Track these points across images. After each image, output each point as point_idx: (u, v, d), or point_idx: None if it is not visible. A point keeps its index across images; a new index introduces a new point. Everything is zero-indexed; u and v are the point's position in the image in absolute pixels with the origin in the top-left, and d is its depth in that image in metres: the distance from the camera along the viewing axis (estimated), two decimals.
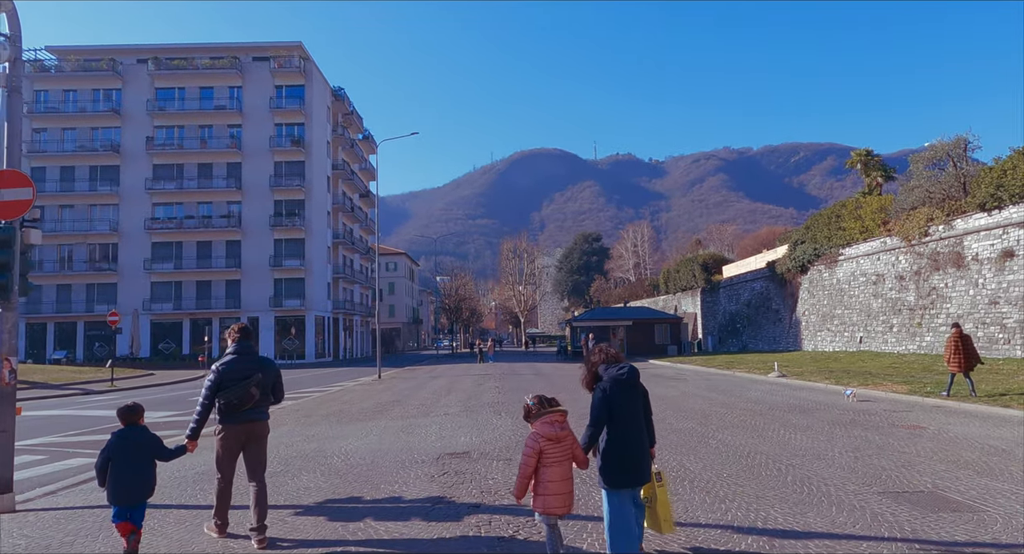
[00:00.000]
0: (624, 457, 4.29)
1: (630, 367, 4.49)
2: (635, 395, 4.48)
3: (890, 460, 7.84)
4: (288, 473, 7.98)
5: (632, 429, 4.36)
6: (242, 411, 5.47)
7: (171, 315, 52.20)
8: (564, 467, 4.27)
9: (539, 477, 4.23)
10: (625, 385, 4.39)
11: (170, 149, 52.95)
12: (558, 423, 4.32)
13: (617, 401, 4.32)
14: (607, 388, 4.34)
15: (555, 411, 4.38)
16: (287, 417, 14.30)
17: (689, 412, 13.09)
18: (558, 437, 4.27)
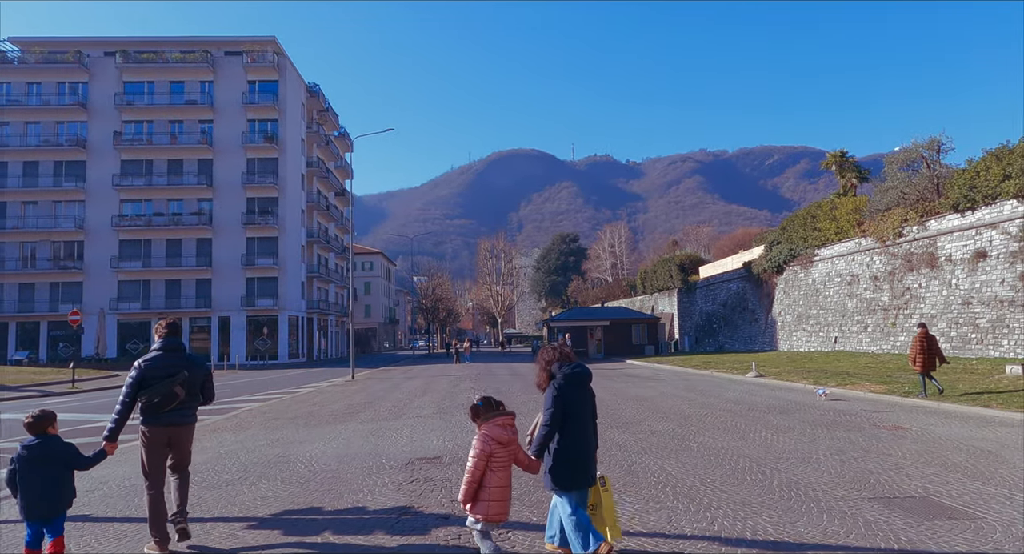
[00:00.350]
0: (578, 457, 4.22)
1: (583, 366, 4.46)
2: (587, 395, 4.45)
3: (877, 463, 7.58)
4: (246, 481, 7.47)
5: (582, 429, 4.31)
6: (166, 411, 5.13)
7: (139, 315, 50.84)
8: (507, 472, 4.16)
9: (483, 482, 4.08)
10: (579, 384, 4.34)
11: (139, 144, 51.59)
12: (510, 426, 4.21)
13: (571, 400, 4.26)
14: (561, 386, 4.27)
15: (506, 414, 4.27)
16: (253, 420, 13.72)
17: (668, 413, 12.79)
18: (508, 440, 4.14)
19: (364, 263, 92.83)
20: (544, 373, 4.47)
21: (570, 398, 4.26)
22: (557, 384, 4.30)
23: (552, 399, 4.26)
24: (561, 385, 4.29)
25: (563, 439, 4.24)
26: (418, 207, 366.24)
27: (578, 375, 4.38)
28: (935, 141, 29.32)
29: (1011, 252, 23.13)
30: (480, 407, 4.26)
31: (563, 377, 4.33)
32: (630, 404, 14.66)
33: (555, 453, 4.23)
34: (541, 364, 4.50)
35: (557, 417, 4.21)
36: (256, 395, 21.33)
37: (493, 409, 4.25)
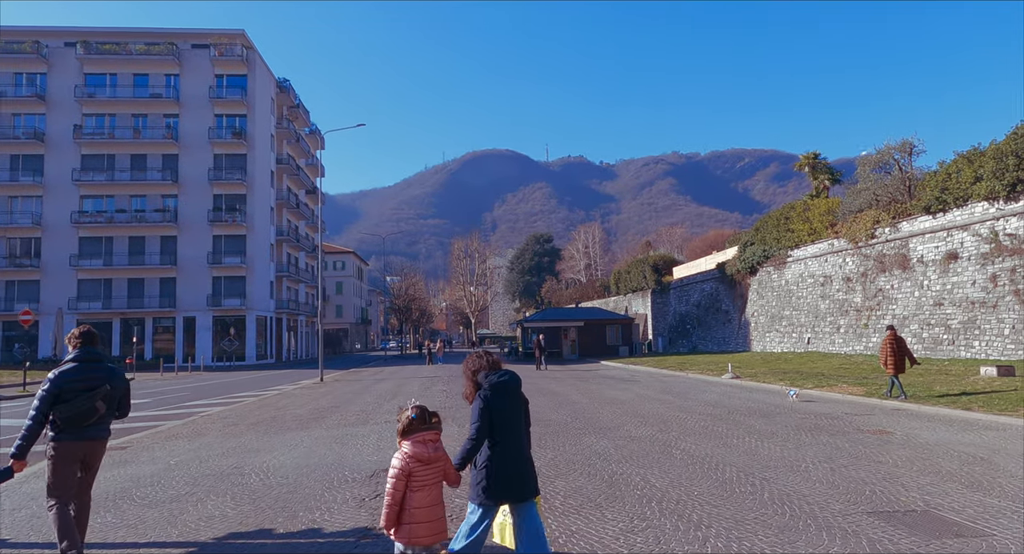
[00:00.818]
0: (507, 471, 3.96)
1: (512, 373, 4.23)
2: (517, 403, 4.18)
3: (869, 472, 7.21)
4: (193, 497, 6.82)
5: (514, 440, 4.06)
6: (84, 427, 4.68)
7: (100, 314, 49.10)
8: (434, 492, 3.83)
9: (404, 502, 3.75)
10: (508, 392, 4.09)
11: (100, 138, 49.84)
12: (431, 443, 3.85)
13: (500, 410, 4.01)
14: (488, 397, 4.02)
15: (432, 429, 3.90)
16: (211, 426, 12.97)
17: (647, 417, 12.38)
18: (430, 458, 3.79)
19: (336, 262, 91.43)
20: (470, 383, 4.19)
21: (499, 409, 4.00)
22: (484, 395, 4.03)
23: (479, 412, 3.97)
24: (488, 396, 4.01)
25: (494, 453, 3.97)
26: (391, 207, 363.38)
27: (506, 384, 4.10)
28: (907, 143, 29.53)
29: (982, 254, 23.29)
30: (414, 421, 3.85)
31: (490, 387, 4.06)
32: (607, 408, 14.23)
33: (486, 467, 3.96)
34: (467, 374, 4.22)
35: (484, 431, 3.95)
36: (218, 398, 20.47)
37: (425, 423, 3.88)
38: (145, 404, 18.89)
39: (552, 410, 14.05)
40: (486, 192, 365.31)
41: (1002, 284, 22.19)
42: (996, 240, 22.70)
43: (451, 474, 3.94)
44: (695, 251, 71.53)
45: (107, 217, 49.38)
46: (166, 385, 28.01)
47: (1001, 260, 22.38)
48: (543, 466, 7.88)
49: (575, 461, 8.17)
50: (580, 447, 9.22)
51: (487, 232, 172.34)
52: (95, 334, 4.99)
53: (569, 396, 17.27)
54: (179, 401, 19.82)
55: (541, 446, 9.33)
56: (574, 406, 14.77)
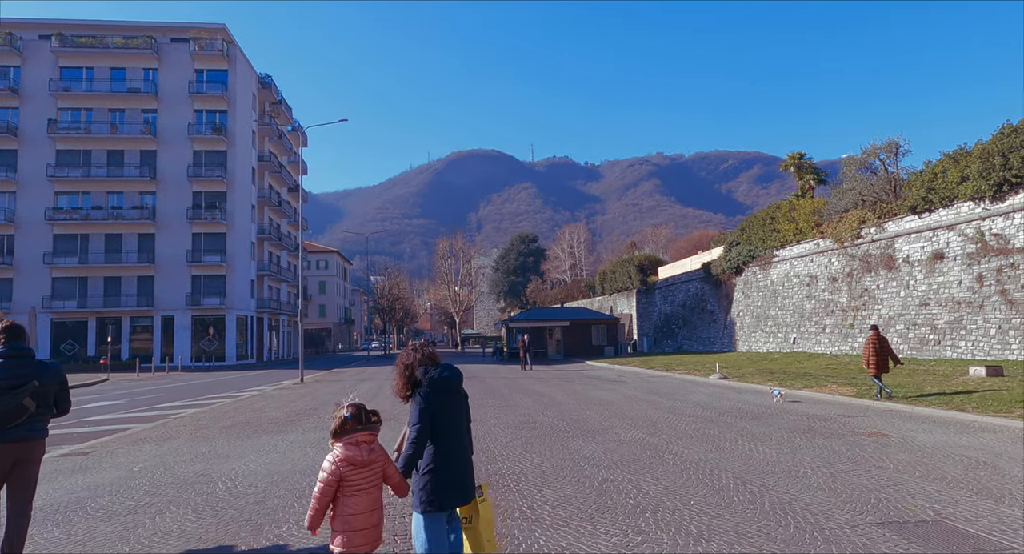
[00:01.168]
0: (451, 474, 3.71)
1: (452, 368, 3.94)
2: (459, 401, 3.94)
3: (870, 477, 6.88)
4: (152, 508, 6.31)
5: (457, 441, 3.82)
6: (11, 427, 4.32)
7: (75, 314, 48.02)
8: (372, 496, 3.55)
9: (339, 508, 3.47)
10: (448, 389, 3.82)
11: (76, 133, 48.68)
12: (366, 445, 3.54)
13: (440, 409, 3.72)
14: (428, 394, 3.72)
15: (368, 428, 3.59)
16: (182, 429, 12.41)
17: (636, 419, 12.01)
18: (364, 461, 3.50)
19: (319, 262, 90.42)
20: (403, 379, 3.82)
21: (440, 407, 3.72)
22: (424, 392, 3.72)
23: (419, 412, 3.66)
24: (428, 393, 3.72)
25: (438, 455, 3.69)
26: (376, 206, 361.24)
27: (447, 380, 3.82)
28: (892, 143, 29.50)
29: (968, 254, 23.24)
30: (348, 420, 3.53)
31: (429, 383, 3.75)
32: (594, 409, 13.85)
33: (430, 472, 3.68)
34: (400, 368, 3.86)
35: (425, 433, 3.67)
36: (194, 399, 19.84)
37: (361, 423, 3.56)
38: (116, 406, 18.23)
39: (538, 412, 13.65)
40: (471, 192, 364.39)
41: (988, 284, 22.13)
42: (982, 240, 22.65)
43: (396, 481, 3.65)
44: (680, 251, 71.51)
45: (83, 214, 48.25)
46: (141, 386, 27.25)
47: (987, 260, 22.33)
48: (529, 472, 7.46)
49: (563, 467, 7.76)
50: (568, 451, 8.82)
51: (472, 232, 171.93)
52: (20, 328, 4.59)
53: (555, 397, 16.88)
54: (152, 403, 19.17)
55: (527, 450, 8.92)
56: (560, 407, 14.38)
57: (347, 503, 3.45)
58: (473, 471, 3.91)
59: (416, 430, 3.64)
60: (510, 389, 19.73)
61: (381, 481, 3.60)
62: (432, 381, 3.76)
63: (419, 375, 3.80)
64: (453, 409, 3.84)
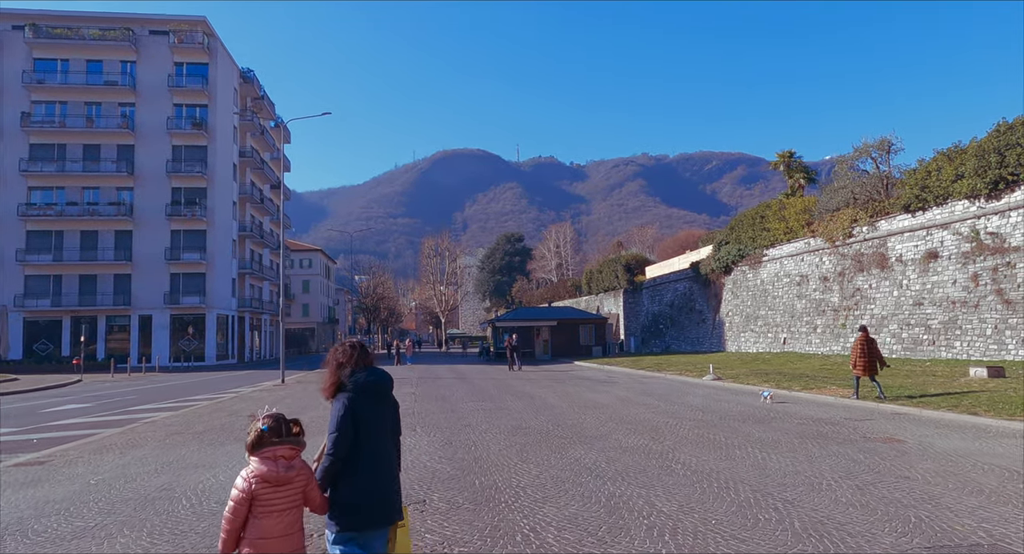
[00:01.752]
0: (373, 490, 3.29)
1: (383, 373, 3.55)
2: (386, 409, 3.52)
3: (901, 490, 6.30)
4: (101, 532, 5.57)
5: (382, 452, 3.41)
6: None
7: (49, 312, 46.63)
8: (289, 517, 3.12)
9: (249, 531, 3.05)
10: (377, 396, 3.44)
11: (50, 127, 47.25)
12: (284, 461, 3.12)
13: (366, 417, 3.33)
14: (352, 399, 3.32)
15: (290, 443, 3.15)
16: (151, 435, 11.61)
17: (635, 424, 11.39)
18: (281, 479, 3.07)
19: (302, 260, 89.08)
20: (334, 378, 3.41)
21: (364, 415, 3.32)
22: (347, 398, 3.32)
23: (339, 419, 3.26)
24: (352, 400, 3.31)
25: (359, 469, 3.28)
26: (361, 205, 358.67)
27: (376, 385, 3.43)
28: (885, 141, 29.22)
29: (963, 253, 22.94)
30: (265, 433, 3.11)
31: (355, 388, 3.35)
32: (589, 413, 13.23)
33: (348, 487, 3.28)
34: (331, 367, 3.45)
35: (345, 442, 3.24)
36: (169, 402, 18.96)
37: (280, 435, 3.14)
38: (84, 409, 17.33)
39: (530, 415, 13.00)
40: (457, 191, 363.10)
41: (984, 283, 21.83)
42: (977, 239, 22.36)
43: (318, 502, 3.20)
44: (666, 251, 71.25)
45: (57, 210, 46.85)
46: (115, 388, 26.24)
47: (983, 259, 22.03)
48: (527, 485, 6.80)
49: (563, 479, 7.11)
50: (567, 460, 8.17)
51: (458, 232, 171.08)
52: None
53: (546, 399, 16.24)
54: (124, 405, 18.27)
55: (523, 460, 8.26)
56: (553, 411, 13.75)
57: (258, 526, 3.02)
58: (399, 490, 3.46)
59: (333, 439, 3.22)
60: (499, 391, 19.07)
61: (300, 502, 3.16)
62: (359, 385, 3.34)
63: (343, 377, 3.37)
64: (379, 418, 3.41)
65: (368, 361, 3.51)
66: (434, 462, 8.23)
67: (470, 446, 9.36)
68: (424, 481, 7.20)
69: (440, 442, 9.80)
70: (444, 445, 9.51)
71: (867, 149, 29.72)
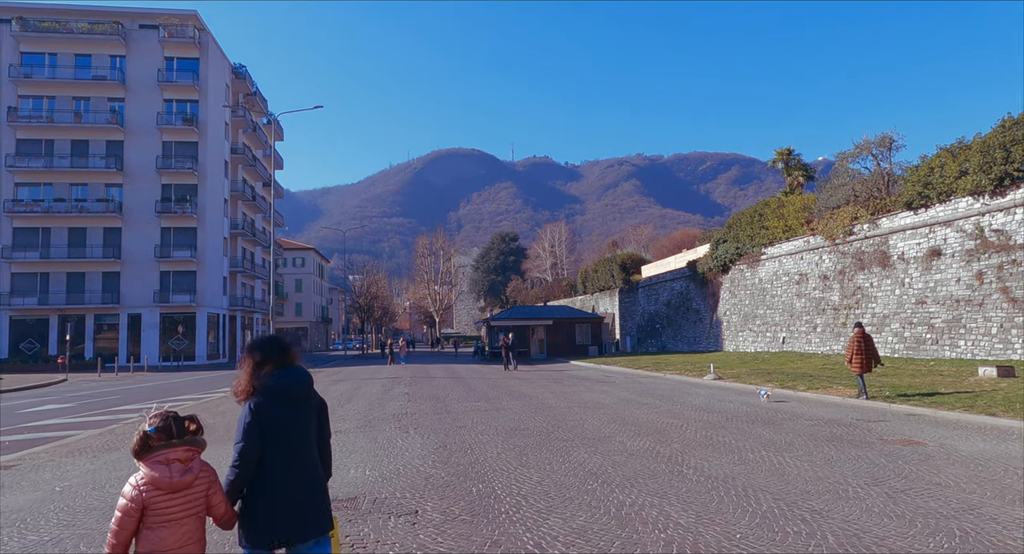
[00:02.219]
0: (285, 502, 2.96)
1: (300, 372, 3.16)
2: (304, 414, 3.14)
3: (936, 499, 5.80)
4: (55, 547, 5.00)
5: (298, 461, 3.06)
6: None
7: (36, 311, 45.81)
8: (185, 529, 2.80)
9: (141, 544, 2.74)
10: (290, 400, 3.07)
11: (38, 122, 46.42)
12: (180, 464, 2.82)
13: (276, 423, 3.00)
14: (258, 406, 2.99)
15: (188, 444, 2.84)
16: (128, 438, 11.01)
17: (638, 426, 10.87)
18: (175, 485, 2.78)
19: (295, 259, 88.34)
20: (249, 377, 3.07)
21: (275, 422, 2.98)
22: (254, 404, 2.98)
23: (244, 427, 2.95)
24: (260, 405, 2.98)
25: (266, 480, 2.96)
26: (355, 204, 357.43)
27: (289, 389, 3.06)
28: (886, 138, 28.78)
29: (967, 250, 22.54)
30: (152, 435, 2.78)
31: (264, 392, 3.02)
32: (589, 414, 12.71)
33: (254, 500, 2.97)
34: (245, 365, 3.10)
35: (252, 453, 2.93)
36: (154, 402, 18.29)
37: (172, 436, 2.81)
38: (65, 410, 16.70)
39: (528, 416, 12.47)
40: (451, 191, 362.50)
41: (988, 281, 21.43)
42: (982, 236, 21.95)
43: (221, 512, 2.89)
44: (662, 250, 70.85)
45: (44, 206, 46.02)
46: (101, 387, 25.58)
47: (987, 257, 21.62)
48: (529, 493, 6.26)
49: (568, 485, 6.57)
50: (570, 465, 7.64)
51: (452, 231, 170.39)
52: None
53: (544, 400, 15.71)
54: (107, 406, 17.66)
55: (523, 464, 7.72)
56: (551, 411, 13.22)
57: (152, 538, 2.70)
58: (320, 501, 3.07)
59: (238, 449, 2.92)
60: (495, 391, 18.53)
61: (201, 510, 2.84)
62: (269, 389, 3.00)
63: (255, 379, 3.02)
64: (294, 424, 3.05)
65: (286, 359, 3.12)
66: (427, 466, 7.69)
67: (466, 449, 8.82)
68: (416, 488, 6.64)
69: (434, 445, 9.26)
70: (438, 448, 8.97)
71: (868, 146, 29.29)
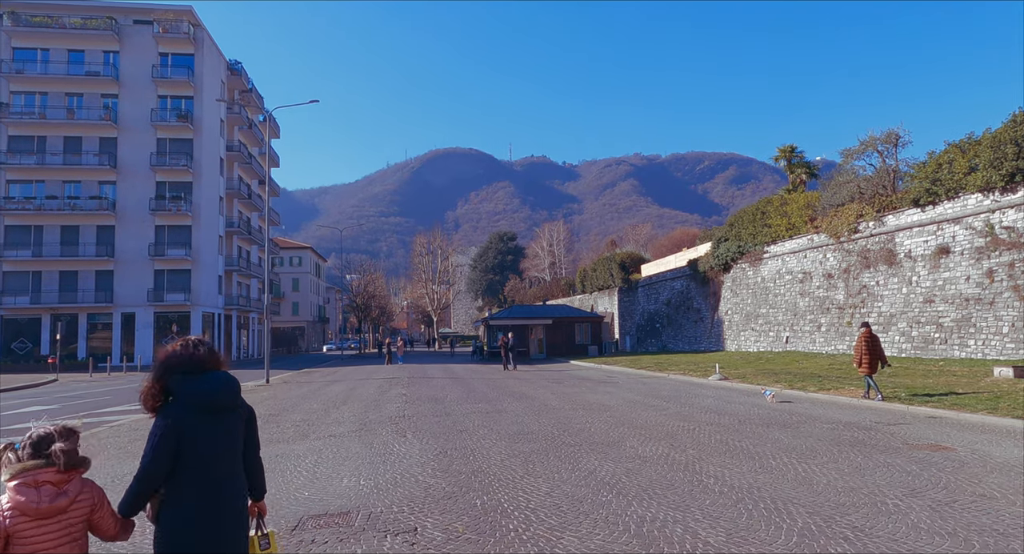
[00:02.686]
0: (201, 522, 2.63)
1: (224, 378, 2.82)
2: (229, 425, 2.81)
3: (986, 513, 5.28)
4: None
5: (219, 477, 2.72)
6: None
7: (28, 310, 45.14)
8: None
9: None
10: (211, 409, 2.74)
11: (30, 118, 45.72)
12: (51, 486, 2.47)
13: (195, 434, 2.66)
14: (176, 415, 2.66)
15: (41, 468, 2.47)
16: (109, 442, 10.49)
17: (647, 429, 10.35)
18: (44, 512, 2.44)
19: (292, 258, 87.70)
20: (155, 385, 2.73)
21: (194, 433, 2.66)
22: (169, 414, 2.68)
23: (156, 439, 2.64)
24: (176, 415, 2.67)
25: (181, 501, 2.65)
26: (352, 204, 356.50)
27: (211, 396, 2.74)
28: (892, 134, 28.29)
29: (976, 248, 22.07)
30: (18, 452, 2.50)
31: (182, 398, 2.70)
32: (595, 416, 12.18)
33: (166, 525, 2.64)
34: (156, 371, 2.77)
35: (159, 468, 2.62)
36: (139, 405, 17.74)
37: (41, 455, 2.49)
38: (48, 412, 16.12)
39: (532, 419, 11.94)
40: (449, 190, 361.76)
41: (999, 279, 20.96)
42: (992, 233, 21.48)
43: (106, 529, 2.60)
44: (661, 250, 70.37)
45: (37, 204, 45.33)
46: (90, 388, 25.00)
47: (998, 254, 21.15)
48: (539, 507, 5.73)
49: (580, 498, 6.04)
50: (579, 473, 7.10)
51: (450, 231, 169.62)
52: None
53: (547, 401, 15.18)
54: (93, 407, 17.08)
55: (529, 473, 7.18)
56: (555, 413, 12.69)
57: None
58: (238, 524, 2.76)
59: (145, 463, 2.62)
60: (495, 392, 18.00)
61: (79, 536, 2.56)
62: (186, 395, 2.68)
63: (171, 384, 2.69)
64: (216, 436, 2.73)
65: (204, 362, 2.77)
66: (427, 476, 7.15)
67: (468, 455, 8.29)
68: (415, 501, 6.10)
69: (434, 451, 8.72)
70: (438, 455, 8.43)
71: (873, 142, 28.80)
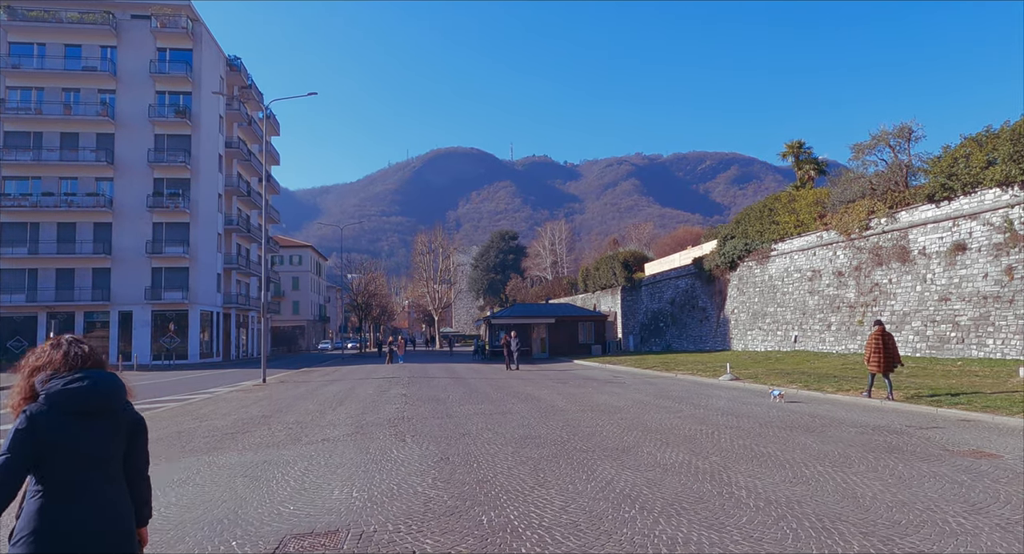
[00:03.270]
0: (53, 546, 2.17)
1: (95, 377, 2.35)
2: (103, 430, 2.34)
3: None
4: None
5: (87, 491, 2.26)
6: None
7: (24, 308, 44.57)
8: None
9: None
10: (83, 410, 2.30)
11: (26, 114, 45.15)
12: None
13: (59, 439, 2.24)
14: (38, 415, 2.25)
15: None
16: None
17: (664, 433, 9.69)
18: None
19: (292, 257, 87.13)
20: (25, 389, 2.37)
21: (57, 438, 2.24)
22: (31, 413, 2.26)
23: (11, 439, 2.19)
24: (38, 415, 2.25)
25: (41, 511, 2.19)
26: (354, 203, 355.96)
27: (82, 394, 2.31)
28: (905, 128, 27.58)
29: (994, 244, 21.38)
30: None
31: (47, 399, 2.28)
32: (606, 418, 11.52)
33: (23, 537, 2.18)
34: (24, 372, 2.42)
35: (14, 471, 2.15)
36: (136, 404, 17.08)
37: None
38: None
39: (539, 422, 11.28)
40: (450, 190, 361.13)
41: (1019, 277, 20.27)
42: (1011, 229, 20.79)
43: None
44: (663, 248, 69.72)
45: (33, 201, 44.75)
46: None
47: (1018, 251, 20.46)
48: (553, 525, 5.06)
49: (600, 514, 5.38)
50: (596, 484, 6.44)
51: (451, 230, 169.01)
52: None
53: (553, 402, 14.53)
54: None
55: (540, 483, 6.52)
56: (563, 415, 12.04)
57: None
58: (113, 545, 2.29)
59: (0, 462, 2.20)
60: (499, 392, 17.35)
61: None
62: (51, 395, 2.31)
63: (37, 385, 2.36)
64: (83, 443, 2.32)
65: (78, 360, 2.41)
66: (427, 486, 6.49)
67: (472, 463, 7.64)
68: (414, 517, 5.43)
69: (435, 457, 8.06)
70: (440, 461, 7.77)
71: (885, 136, 28.10)
